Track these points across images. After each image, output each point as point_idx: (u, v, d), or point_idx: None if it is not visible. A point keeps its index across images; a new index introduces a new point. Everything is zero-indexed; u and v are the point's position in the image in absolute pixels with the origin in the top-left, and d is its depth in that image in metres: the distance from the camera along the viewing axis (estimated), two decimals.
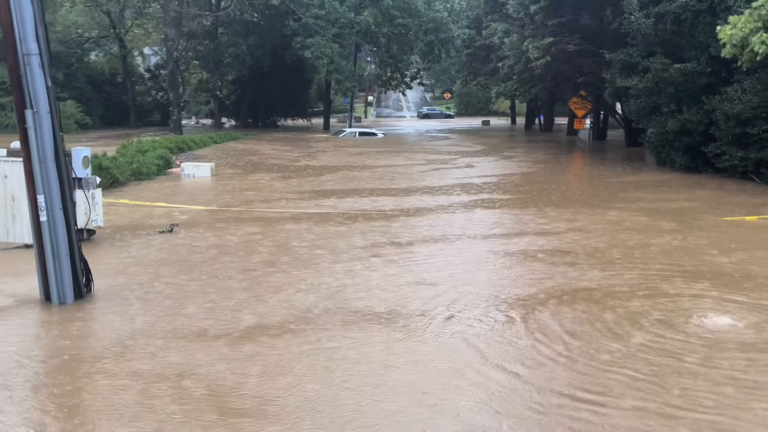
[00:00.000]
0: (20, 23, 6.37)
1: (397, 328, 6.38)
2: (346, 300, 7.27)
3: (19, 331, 6.24)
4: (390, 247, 10.02)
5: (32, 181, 6.74)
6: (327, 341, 6.01)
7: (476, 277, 8.30)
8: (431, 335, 6.19)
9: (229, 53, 48.23)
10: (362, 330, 6.32)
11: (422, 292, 7.62)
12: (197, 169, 19.64)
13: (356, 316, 6.70)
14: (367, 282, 8.05)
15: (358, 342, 6.00)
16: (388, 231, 11.40)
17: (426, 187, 17.53)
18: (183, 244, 10.11)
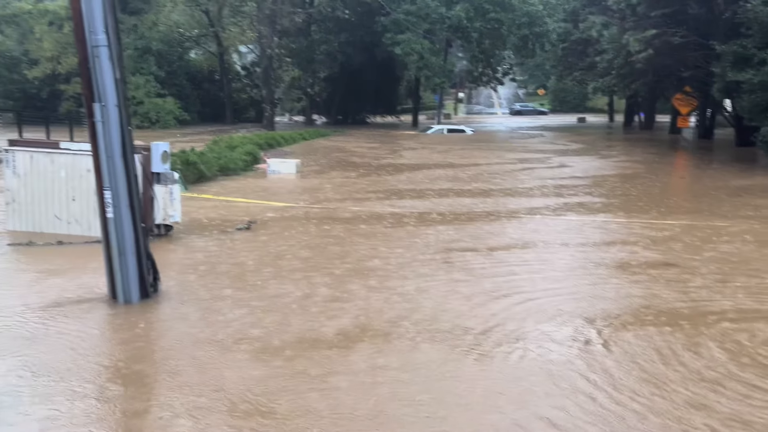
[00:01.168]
0: (89, 13, 6.17)
1: (465, 345, 5.74)
2: (413, 311, 6.69)
3: (77, 328, 6.06)
4: (468, 254, 9.34)
5: (100, 176, 6.57)
6: (386, 357, 5.45)
7: (563, 291, 7.50)
8: (504, 355, 5.51)
9: (321, 50, 48.68)
10: (425, 346, 5.72)
11: (500, 304, 6.92)
12: (283, 165, 19.60)
13: (424, 330, 6.10)
14: (440, 291, 7.43)
15: (419, 361, 5.41)
16: (469, 235, 10.72)
17: (515, 188, 16.69)
18: (259, 243, 9.85)
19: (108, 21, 6.29)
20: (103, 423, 4.33)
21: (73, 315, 6.42)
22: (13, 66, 47.97)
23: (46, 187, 10.20)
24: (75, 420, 4.33)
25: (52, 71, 44.10)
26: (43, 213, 10.25)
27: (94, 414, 4.43)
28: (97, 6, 6.20)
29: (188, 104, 47.92)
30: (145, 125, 41.99)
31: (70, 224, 10.14)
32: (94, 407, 4.53)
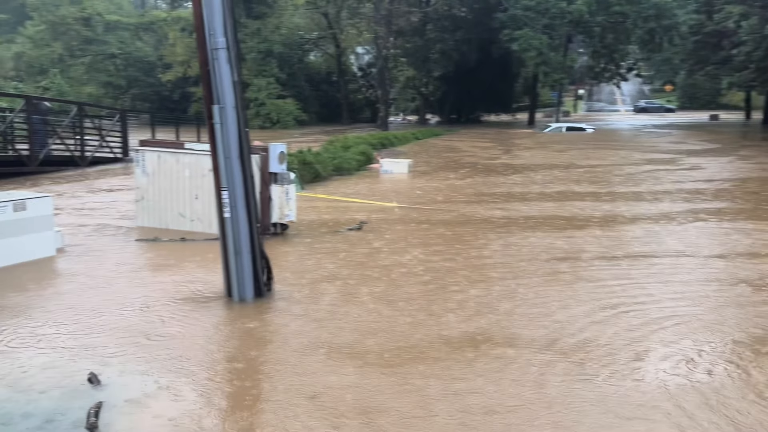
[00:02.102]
0: (209, 16, 6.30)
1: (589, 363, 5.30)
2: (527, 322, 6.31)
3: (192, 324, 6.20)
4: (588, 263, 8.78)
5: (218, 176, 6.71)
6: (502, 372, 5.13)
7: (692, 308, 6.81)
8: (620, 377, 5.03)
9: (437, 49, 48.60)
10: (541, 360, 5.34)
11: (618, 320, 6.39)
12: (395, 165, 19.61)
13: (539, 344, 5.72)
14: (552, 302, 6.99)
15: (539, 378, 5.04)
16: (587, 242, 10.11)
17: (641, 192, 15.68)
18: (370, 243, 9.79)
19: (227, 24, 6.39)
20: (205, 415, 4.34)
21: (189, 311, 6.58)
22: (149, 70, 51.57)
23: (171, 186, 10.69)
24: (179, 410, 4.37)
25: (184, 74, 46.93)
26: (169, 210, 10.75)
27: (196, 406, 4.46)
28: (217, 9, 6.32)
29: (307, 105, 49.40)
30: (267, 126, 43.72)
31: (193, 222, 10.56)
32: (197, 399, 4.56)
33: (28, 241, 8.41)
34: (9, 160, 17.96)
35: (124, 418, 4.33)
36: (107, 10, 55.23)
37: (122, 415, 4.37)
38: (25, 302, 6.84)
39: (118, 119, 23.92)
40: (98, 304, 6.70)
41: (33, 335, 5.83)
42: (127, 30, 53.15)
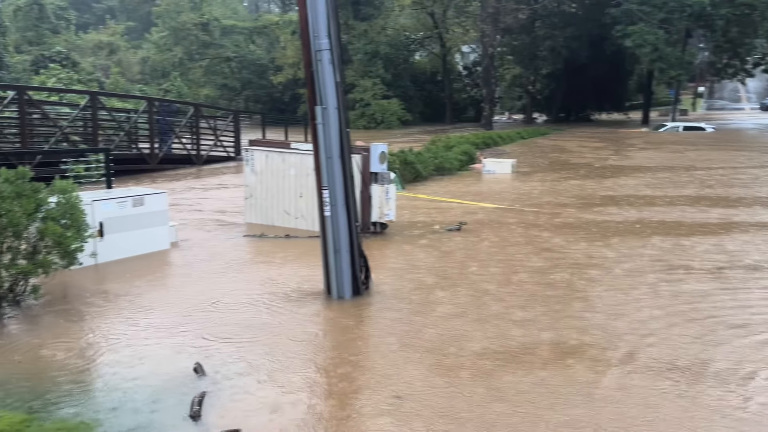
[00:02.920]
0: (314, 18, 6.43)
1: (703, 384, 4.95)
2: (631, 336, 5.99)
3: (291, 319, 6.35)
4: (701, 274, 8.23)
5: (320, 176, 6.85)
6: (604, 389, 4.89)
7: None
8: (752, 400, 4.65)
9: (545, 47, 47.36)
10: (647, 378, 5.04)
11: (743, 340, 5.93)
12: (498, 165, 19.30)
13: (644, 359, 5.41)
14: (664, 317, 6.59)
15: (643, 393, 4.77)
16: (701, 250, 9.48)
17: (764, 197, 14.54)
18: (469, 244, 9.67)
19: (331, 26, 6.51)
20: (298, 408, 4.43)
21: (291, 306, 6.76)
22: (262, 72, 53.62)
23: (277, 184, 11.04)
24: (276, 402, 4.48)
25: (294, 76, 48.39)
26: (275, 208, 11.11)
27: (291, 399, 4.56)
28: (322, 11, 6.44)
29: (411, 105, 49.56)
30: (371, 126, 44.29)
31: (297, 219, 10.86)
32: (292, 392, 4.66)
33: (145, 234, 8.95)
34: (132, 157, 19.25)
35: (226, 408, 4.51)
36: (224, 15, 58.03)
37: (224, 405, 4.54)
38: (140, 293, 7.29)
39: (232, 120, 25.03)
40: (206, 297, 7.03)
41: (146, 325, 6.20)
42: (242, 34, 55.55)
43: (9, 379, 4.92)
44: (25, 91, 17.14)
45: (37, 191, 6.61)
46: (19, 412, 4.26)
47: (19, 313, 6.47)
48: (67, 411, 4.39)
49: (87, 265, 7.76)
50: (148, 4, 64.26)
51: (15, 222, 6.27)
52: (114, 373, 5.08)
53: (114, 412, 4.40)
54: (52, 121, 18.09)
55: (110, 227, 8.48)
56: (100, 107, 19.02)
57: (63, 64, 39.63)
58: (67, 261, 6.82)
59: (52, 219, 6.65)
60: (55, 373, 5.05)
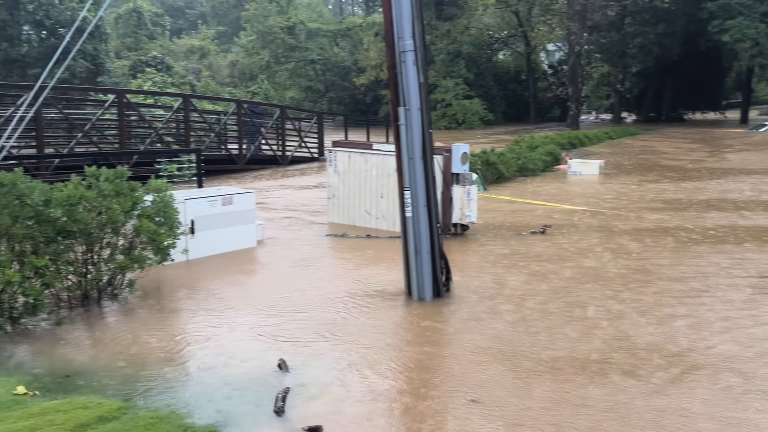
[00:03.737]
0: (398, 20, 6.46)
1: None
2: (726, 350, 5.67)
3: (371, 319, 6.39)
4: None
5: (401, 177, 6.86)
6: (701, 404, 4.65)
7: None
8: None
9: (635, 44, 45.63)
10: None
11: None
12: (584, 166, 18.75)
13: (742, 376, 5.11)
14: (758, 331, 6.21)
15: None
16: None
17: None
18: (553, 248, 9.44)
19: (415, 27, 6.51)
20: (375, 406, 4.44)
21: (372, 306, 6.82)
22: (345, 74, 54.37)
23: (359, 185, 11.16)
24: (355, 402, 4.52)
25: (376, 78, 48.77)
26: (356, 208, 11.24)
27: (369, 397, 4.58)
28: (406, 12, 6.46)
29: (493, 105, 48.93)
30: (452, 127, 44.05)
31: (378, 219, 10.94)
32: (371, 391, 4.69)
33: (233, 232, 9.26)
34: (221, 158, 19.97)
35: (307, 404, 4.59)
36: (309, 19, 59.19)
37: (306, 401, 4.63)
38: (227, 289, 7.54)
39: (316, 121, 25.52)
40: (289, 295, 7.19)
41: (232, 320, 6.41)
42: (326, 37, 56.52)
43: (108, 369, 5.20)
44: (124, 95, 18.09)
45: (134, 190, 6.96)
46: (116, 400, 4.50)
47: (116, 306, 6.83)
48: (158, 400, 4.60)
49: (179, 262, 8.10)
50: (238, 9, 66.41)
51: (114, 219, 6.63)
52: (201, 366, 5.27)
53: (201, 404, 4.57)
54: (148, 122, 19.03)
55: (201, 225, 8.82)
56: (192, 109, 19.83)
57: (158, 68, 41.61)
58: (161, 257, 7.15)
59: (147, 216, 6.98)
60: (149, 364, 5.29)
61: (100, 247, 6.75)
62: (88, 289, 6.75)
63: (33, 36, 40.56)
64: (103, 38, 42.91)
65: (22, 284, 5.83)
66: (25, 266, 5.89)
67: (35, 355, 5.53)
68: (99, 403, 4.33)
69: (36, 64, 39.24)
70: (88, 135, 16.89)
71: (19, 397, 4.46)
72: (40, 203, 6.01)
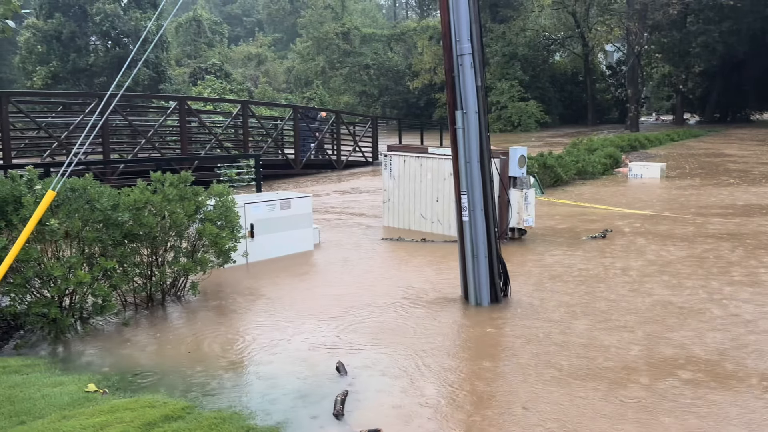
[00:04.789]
0: (456, 23, 6.43)
1: None
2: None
3: (429, 324, 6.36)
4: None
5: (458, 180, 6.82)
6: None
7: None
8: None
9: (698, 43, 44.17)
10: None
11: None
12: (646, 169, 18.25)
13: None
14: None
15: None
16: None
17: None
18: (614, 254, 9.21)
19: (473, 29, 6.47)
20: (430, 412, 4.42)
21: (429, 311, 6.79)
22: (399, 79, 54.49)
23: (414, 188, 11.15)
24: (412, 406, 4.50)
25: (430, 82, 48.74)
26: (411, 212, 11.23)
27: (426, 402, 4.56)
28: (464, 15, 6.42)
29: (550, 107, 48.17)
30: (507, 129, 43.57)
31: (433, 223, 10.91)
32: (428, 396, 4.66)
33: (291, 236, 9.39)
34: (279, 162, 20.30)
35: (366, 408, 4.60)
36: (363, 24, 59.63)
37: (364, 405, 4.64)
38: (286, 292, 7.64)
39: (370, 125, 25.65)
40: (346, 299, 7.24)
41: (291, 323, 6.49)
42: (380, 41, 56.81)
43: (172, 369, 5.34)
44: (185, 102, 18.60)
45: (197, 194, 7.14)
46: (181, 400, 4.61)
47: (179, 308, 7.02)
48: (221, 401, 4.69)
49: (239, 264, 8.26)
50: (293, 16, 67.48)
51: (178, 223, 6.81)
52: (262, 368, 5.35)
53: (262, 405, 4.63)
54: (208, 128, 19.51)
55: (260, 228, 8.98)
56: (250, 115, 20.23)
57: (217, 75, 42.63)
58: (222, 260, 7.31)
59: (210, 220, 7.15)
60: (211, 366, 5.41)
61: (165, 250, 6.95)
62: (152, 290, 6.95)
63: (99, 46, 42.18)
64: (164, 47, 44.26)
65: (92, 285, 6.05)
66: (94, 268, 6.11)
67: (104, 354, 5.72)
68: (164, 403, 4.44)
69: (102, 73, 40.82)
70: (150, 141, 17.44)
71: (90, 394, 4.63)
72: (108, 207, 6.23)
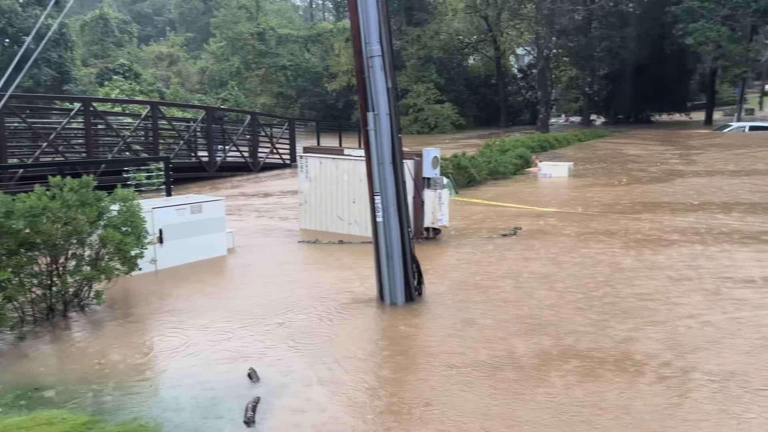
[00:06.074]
0: (365, 24, 6.45)
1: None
2: (684, 350, 5.76)
3: (343, 325, 6.35)
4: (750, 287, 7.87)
5: (371, 182, 6.85)
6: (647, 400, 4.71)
7: None
8: None
9: (602, 47, 46.42)
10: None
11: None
12: (554, 168, 18.96)
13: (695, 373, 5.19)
14: (716, 329, 6.32)
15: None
16: (759, 262, 9.06)
17: None
18: (524, 250, 9.50)
19: (382, 31, 6.51)
20: (344, 418, 4.41)
21: (343, 312, 6.77)
22: (316, 80, 54.25)
23: (331, 190, 11.12)
24: (327, 410, 4.48)
25: (347, 83, 48.76)
26: (329, 213, 11.20)
27: (339, 404, 4.55)
28: (373, 17, 6.45)
29: (465, 109, 49.26)
30: (424, 131, 44.22)
31: (350, 225, 10.92)
32: (344, 403, 4.65)
33: (203, 241, 9.15)
34: (191, 165, 19.76)
35: (279, 414, 4.53)
36: (279, 25, 58.97)
37: (277, 411, 4.57)
38: (197, 299, 7.44)
39: (287, 127, 25.40)
40: (261, 303, 7.12)
41: (202, 330, 6.31)
42: (297, 42, 56.34)
43: (75, 383, 5.08)
44: (91, 103, 17.81)
45: (99, 199, 6.83)
46: (83, 414, 4.39)
47: (83, 319, 6.69)
48: (126, 413, 4.50)
49: (147, 272, 7.97)
50: (207, 15, 65.94)
51: (79, 229, 6.49)
52: (171, 377, 5.18)
53: (170, 416, 4.48)
54: (115, 131, 18.75)
55: (169, 234, 8.70)
56: (161, 117, 19.60)
57: (126, 75, 41.10)
58: (128, 267, 7.02)
59: (114, 226, 6.86)
60: (117, 377, 5.18)
61: (66, 258, 6.62)
62: (53, 301, 6.60)
63: None
64: (68, 46, 42.23)
65: None
66: None
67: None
68: (64, 419, 4.22)
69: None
70: (53, 144, 16.59)
71: None
72: (1, 215, 5.87)
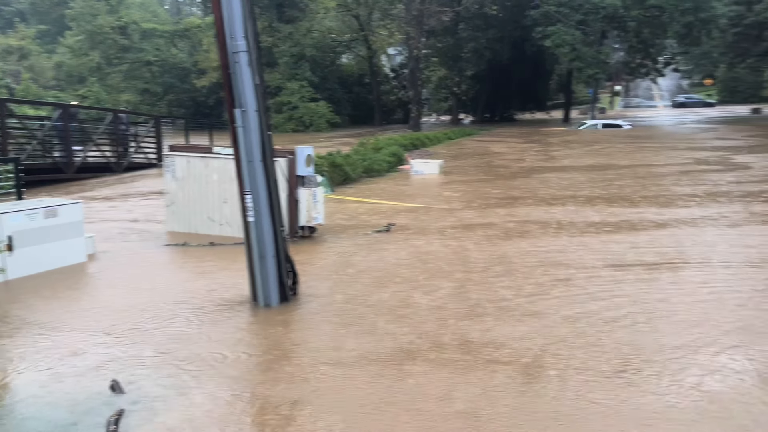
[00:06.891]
0: (230, 20, 6.26)
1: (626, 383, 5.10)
2: (545, 336, 6.12)
3: (215, 329, 6.15)
4: (613, 271, 8.52)
5: (241, 180, 6.66)
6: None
7: (733, 320, 6.53)
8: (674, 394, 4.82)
9: (468, 48, 48.32)
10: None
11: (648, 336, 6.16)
12: (426, 166, 19.46)
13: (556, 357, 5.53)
14: (582, 313, 6.78)
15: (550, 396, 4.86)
16: (616, 249, 9.82)
17: (681, 195, 15.10)
18: (398, 245, 9.66)
19: (247, 27, 6.34)
20: (217, 424, 4.28)
21: (215, 316, 6.55)
22: (185, 76, 52.31)
23: (200, 190, 10.73)
24: (199, 418, 4.31)
25: (218, 80, 47.32)
26: (198, 215, 10.79)
27: (212, 415, 4.40)
28: (237, 12, 6.27)
29: (339, 107, 49.47)
30: (300, 129, 43.93)
31: (222, 226, 10.58)
32: (216, 408, 4.50)
33: (59, 247, 8.51)
34: (46, 167, 18.34)
35: (145, 426, 4.29)
36: (143, 19, 56.19)
37: (144, 423, 4.33)
38: (55, 309, 6.90)
39: (153, 125, 24.26)
40: (126, 311, 6.72)
41: (62, 342, 5.86)
42: (163, 37, 53.97)
43: None
44: None
45: None
46: None
47: None
48: None
49: None
50: (61, 6, 61.50)
51: None
52: (29, 394, 4.76)
53: None
54: None
55: (21, 241, 8.01)
56: (9, 115, 18.03)
57: None
58: None
59: None
60: None
61: None
62: None
63: None
64: None
65: None
66: None
67: None
68: None
69: None
70: None
71: None
72: None
